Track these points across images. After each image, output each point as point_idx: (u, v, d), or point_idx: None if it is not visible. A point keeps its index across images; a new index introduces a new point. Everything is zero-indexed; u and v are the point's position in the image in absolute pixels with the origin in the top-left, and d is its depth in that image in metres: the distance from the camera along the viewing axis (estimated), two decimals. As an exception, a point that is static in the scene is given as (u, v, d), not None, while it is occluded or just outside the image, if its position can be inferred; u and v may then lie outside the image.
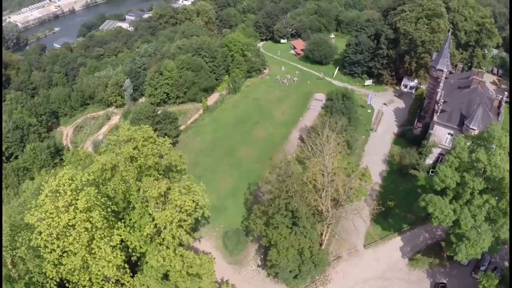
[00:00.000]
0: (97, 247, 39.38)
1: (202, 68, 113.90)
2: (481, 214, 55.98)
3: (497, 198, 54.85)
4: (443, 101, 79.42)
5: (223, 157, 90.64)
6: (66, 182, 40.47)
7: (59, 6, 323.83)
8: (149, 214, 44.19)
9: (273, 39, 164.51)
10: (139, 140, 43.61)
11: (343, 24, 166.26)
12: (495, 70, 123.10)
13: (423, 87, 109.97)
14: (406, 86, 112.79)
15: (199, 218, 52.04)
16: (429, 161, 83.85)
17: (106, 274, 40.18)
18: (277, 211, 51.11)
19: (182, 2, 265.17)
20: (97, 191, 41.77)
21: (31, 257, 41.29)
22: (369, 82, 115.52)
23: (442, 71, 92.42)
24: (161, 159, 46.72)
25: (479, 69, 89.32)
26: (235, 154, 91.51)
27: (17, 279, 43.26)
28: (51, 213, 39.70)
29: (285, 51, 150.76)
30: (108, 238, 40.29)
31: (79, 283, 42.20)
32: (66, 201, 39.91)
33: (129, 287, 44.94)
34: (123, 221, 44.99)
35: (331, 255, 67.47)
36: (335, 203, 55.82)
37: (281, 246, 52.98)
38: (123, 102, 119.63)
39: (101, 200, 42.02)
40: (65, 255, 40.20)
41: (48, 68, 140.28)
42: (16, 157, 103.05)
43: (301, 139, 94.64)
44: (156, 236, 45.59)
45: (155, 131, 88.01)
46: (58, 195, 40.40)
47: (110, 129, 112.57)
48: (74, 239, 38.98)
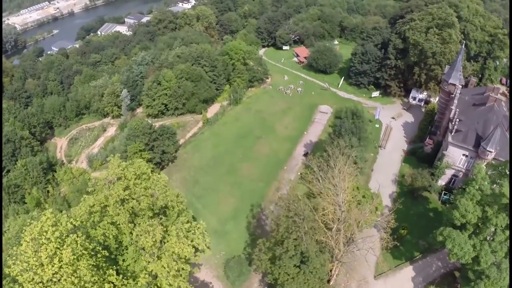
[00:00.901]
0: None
1: (202, 78, 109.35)
2: (502, 250, 51.80)
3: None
4: (458, 120, 74.95)
5: (224, 175, 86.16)
6: (49, 229, 35.95)
7: (58, 8, 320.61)
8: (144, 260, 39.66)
9: (275, 46, 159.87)
10: (131, 178, 39.09)
11: (347, 30, 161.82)
12: (504, 80, 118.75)
13: (433, 99, 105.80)
14: (414, 98, 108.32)
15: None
16: (442, 182, 79.50)
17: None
18: (285, 251, 46.65)
19: (182, 5, 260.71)
20: (84, 237, 37.20)
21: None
22: (376, 93, 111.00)
23: (454, 85, 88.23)
24: (156, 199, 41.89)
25: (494, 86, 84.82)
26: (237, 172, 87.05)
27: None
28: (33, 265, 35.20)
29: (288, 58, 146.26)
30: (98, 291, 35.83)
31: None
32: (50, 250, 35.39)
33: None
34: (115, 266, 40.41)
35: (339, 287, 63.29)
36: (347, 240, 51.35)
37: (289, 287, 48.57)
38: (119, 112, 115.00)
39: (90, 246, 37.49)
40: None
41: (43, 75, 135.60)
42: (8, 171, 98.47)
43: (306, 155, 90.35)
44: (152, 282, 41.09)
45: (152, 148, 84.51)
46: (40, 243, 35.84)
47: (106, 142, 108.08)
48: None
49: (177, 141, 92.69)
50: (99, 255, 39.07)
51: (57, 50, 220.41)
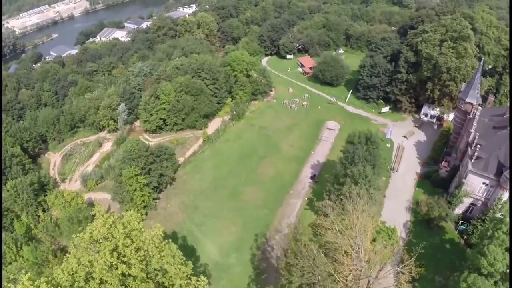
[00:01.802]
0: None
1: (202, 91, 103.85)
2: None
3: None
4: (478, 145, 69.44)
5: (226, 200, 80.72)
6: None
7: (58, 11, 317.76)
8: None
9: (279, 54, 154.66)
10: (119, 238, 33.61)
11: (353, 38, 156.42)
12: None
13: (445, 116, 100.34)
14: (426, 114, 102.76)
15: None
16: (459, 210, 73.96)
17: None
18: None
19: (183, 9, 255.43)
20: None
21: None
22: (385, 109, 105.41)
23: (471, 104, 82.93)
24: (150, 259, 36.22)
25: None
26: (240, 196, 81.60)
27: None
28: None
29: (292, 68, 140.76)
30: None
31: None
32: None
33: None
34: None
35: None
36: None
37: None
38: (116, 126, 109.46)
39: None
40: None
41: (37, 85, 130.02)
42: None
43: (313, 177, 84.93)
44: None
45: (149, 172, 78.97)
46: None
47: (101, 158, 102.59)
48: None
49: (176, 162, 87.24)
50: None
51: (55, 56, 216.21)
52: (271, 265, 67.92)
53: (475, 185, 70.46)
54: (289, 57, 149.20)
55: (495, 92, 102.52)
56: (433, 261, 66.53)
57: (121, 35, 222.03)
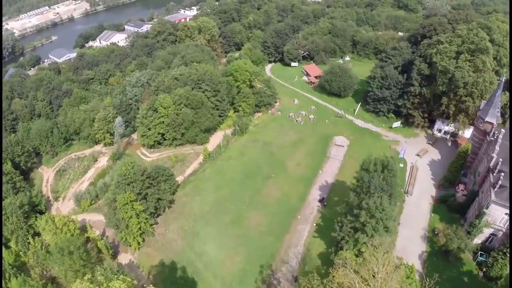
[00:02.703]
0: None
1: (203, 104, 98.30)
2: None
3: None
4: (502, 173, 63.96)
5: (228, 226, 75.32)
6: None
7: (58, 13, 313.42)
8: None
9: (283, 61, 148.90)
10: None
11: (360, 45, 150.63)
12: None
13: (461, 133, 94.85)
14: (440, 130, 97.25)
15: None
16: (478, 240, 68.58)
17: None
18: None
19: (184, 12, 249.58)
20: None
21: None
22: (397, 124, 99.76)
23: (491, 124, 77.57)
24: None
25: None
26: (243, 221, 76.16)
27: None
28: None
29: (297, 76, 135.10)
30: None
31: None
32: None
33: None
34: None
35: None
36: None
37: None
38: (112, 140, 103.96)
39: None
40: None
41: (31, 95, 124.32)
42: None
43: (322, 201, 79.55)
44: None
45: (145, 197, 73.54)
46: None
47: (96, 175, 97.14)
48: None
49: (175, 183, 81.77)
50: None
51: (52, 61, 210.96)
52: (278, 301, 62.81)
53: (497, 216, 65.03)
54: (293, 64, 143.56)
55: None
56: (451, 296, 61.44)
57: (121, 38, 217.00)
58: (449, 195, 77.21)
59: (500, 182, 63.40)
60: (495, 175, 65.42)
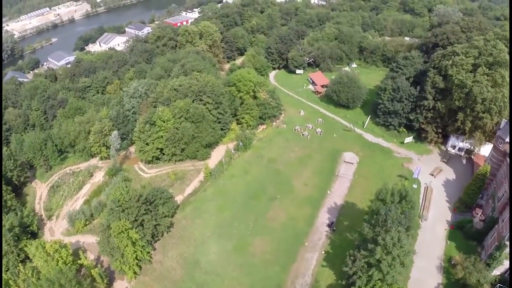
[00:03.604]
0: None
1: (204, 118, 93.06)
2: None
3: None
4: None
5: (231, 253, 70.23)
6: None
7: (58, 14, 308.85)
8: None
9: (287, 68, 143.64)
10: None
11: (367, 51, 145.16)
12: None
13: (476, 150, 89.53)
14: (454, 147, 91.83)
15: None
16: (496, 272, 63.49)
17: None
18: None
19: (186, 14, 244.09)
20: None
21: None
22: (409, 139, 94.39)
23: (513, 144, 72.17)
24: None
25: None
26: (247, 248, 71.04)
27: None
28: None
29: (303, 85, 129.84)
30: None
31: None
32: None
33: None
34: None
35: None
36: None
37: None
38: (108, 153, 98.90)
39: None
40: None
41: (25, 104, 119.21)
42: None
43: (331, 225, 74.43)
44: None
45: (142, 224, 68.45)
46: None
47: (91, 192, 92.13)
48: None
49: (174, 205, 76.70)
50: None
51: (52, 63, 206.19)
52: None
53: (520, 247, 59.95)
54: (298, 72, 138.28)
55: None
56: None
57: (121, 41, 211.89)
58: (466, 221, 71.88)
59: (526, 213, 58.28)
60: (518, 203, 60.21)
